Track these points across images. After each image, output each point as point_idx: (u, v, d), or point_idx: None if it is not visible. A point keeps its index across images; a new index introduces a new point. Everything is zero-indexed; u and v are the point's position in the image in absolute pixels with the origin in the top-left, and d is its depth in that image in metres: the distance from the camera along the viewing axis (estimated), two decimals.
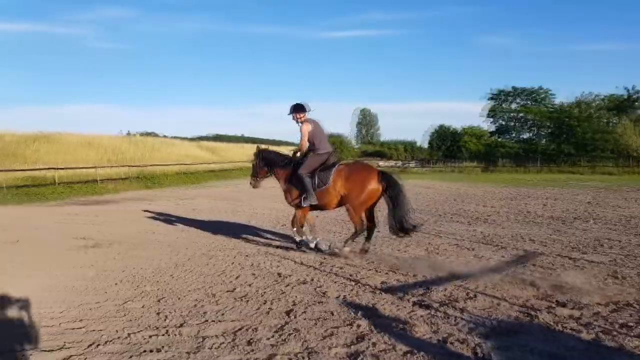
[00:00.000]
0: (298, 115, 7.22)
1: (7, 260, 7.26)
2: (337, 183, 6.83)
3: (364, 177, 6.78)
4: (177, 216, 12.17)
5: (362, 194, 6.71)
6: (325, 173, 6.92)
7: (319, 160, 7.04)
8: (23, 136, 32.34)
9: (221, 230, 9.69)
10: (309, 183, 6.89)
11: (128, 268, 6.53)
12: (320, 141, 7.13)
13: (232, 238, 8.76)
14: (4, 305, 4.93)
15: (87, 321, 4.44)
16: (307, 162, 7.01)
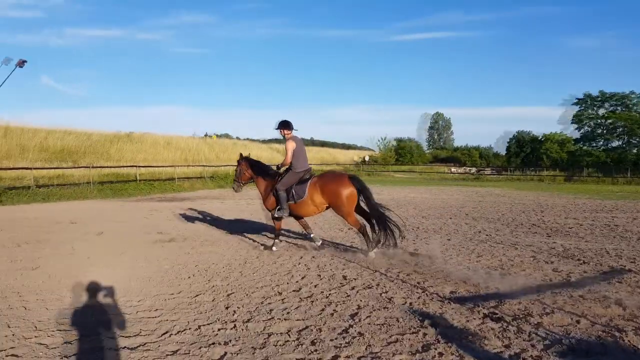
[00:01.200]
0: (285, 131, 7.68)
1: (93, 250, 7.82)
2: (313, 195, 7.34)
3: (337, 185, 7.25)
4: (248, 215, 12.52)
5: (342, 199, 7.17)
6: (301, 187, 7.43)
7: (296, 177, 7.50)
8: (109, 135, 34.76)
9: (288, 230, 9.84)
10: (283, 198, 7.44)
11: (200, 263, 6.80)
12: (300, 160, 7.54)
13: (299, 239, 8.86)
14: (92, 293, 5.31)
15: (161, 311, 4.67)
16: (285, 179, 7.50)
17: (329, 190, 7.26)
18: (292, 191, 7.43)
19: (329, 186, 7.29)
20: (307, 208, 7.47)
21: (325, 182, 7.38)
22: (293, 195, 7.43)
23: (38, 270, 6.38)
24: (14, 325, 4.24)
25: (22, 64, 18.58)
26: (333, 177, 7.52)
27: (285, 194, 7.44)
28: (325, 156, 61.07)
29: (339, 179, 7.37)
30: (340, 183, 7.26)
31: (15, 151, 26.26)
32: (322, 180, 7.43)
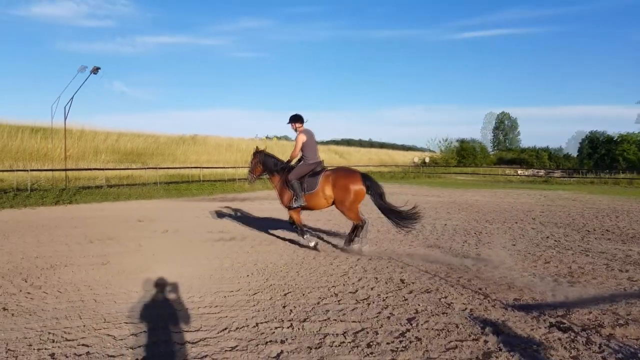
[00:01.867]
0: (296, 125, 7.93)
1: (158, 248, 8.16)
2: (325, 188, 7.55)
3: (348, 181, 7.45)
4: (305, 215, 12.60)
5: (350, 195, 7.38)
6: (313, 179, 7.67)
7: (308, 169, 7.75)
8: (175, 138, 36.32)
9: (345, 231, 9.81)
10: (298, 187, 7.68)
11: (259, 262, 6.92)
12: (311, 152, 7.79)
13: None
14: (157, 288, 5.54)
15: (221, 307, 4.79)
16: (296, 170, 7.78)
17: (341, 184, 7.45)
18: (304, 183, 7.68)
19: (342, 180, 7.48)
20: (317, 200, 7.67)
21: (338, 175, 7.58)
22: (305, 187, 7.67)
23: (108, 266, 6.73)
24: (85, 317, 4.50)
25: (96, 71, 19.75)
26: (346, 173, 7.69)
27: (299, 184, 7.67)
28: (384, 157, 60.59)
29: (353, 175, 7.56)
30: (352, 179, 7.47)
31: (89, 153, 28.00)
32: (335, 175, 7.61)
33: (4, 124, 28.63)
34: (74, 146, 27.36)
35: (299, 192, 7.66)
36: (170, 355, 3.62)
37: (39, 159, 25.11)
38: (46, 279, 5.96)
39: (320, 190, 7.57)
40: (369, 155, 59.72)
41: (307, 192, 7.66)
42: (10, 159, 24.30)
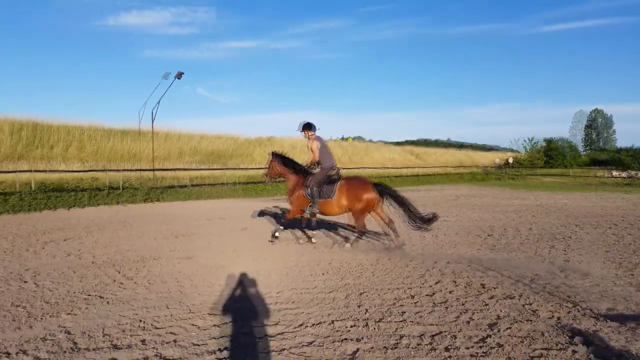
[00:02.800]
0: (308, 133, 8.27)
1: (238, 244, 8.47)
2: (340, 197, 7.90)
3: (360, 190, 7.81)
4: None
5: (360, 203, 7.77)
6: (329, 187, 7.98)
7: (325, 173, 8.06)
8: (252, 140, 37.51)
9: (420, 233, 9.62)
10: (316, 194, 7.95)
11: (334, 261, 6.97)
12: (325, 157, 8.14)
13: (431, 243, 8.62)
14: (238, 282, 5.76)
15: (298, 304, 4.88)
16: (316, 176, 8.07)
17: (353, 193, 7.83)
18: (322, 189, 7.99)
19: (354, 189, 7.86)
20: (331, 208, 8.01)
21: (351, 185, 7.94)
22: (322, 194, 7.98)
23: (192, 260, 7.09)
24: (172, 307, 4.77)
25: (180, 76, 20.87)
26: (359, 182, 8.02)
27: (317, 191, 7.97)
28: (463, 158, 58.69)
29: (364, 185, 7.92)
30: (365, 188, 7.85)
31: (174, 154, 29.66)
32: (349, 184, 7.97)
33: (99, 128, 31.04)
34: (160, 148, 29.11)
35: (316, 199, 7.98)
36: (251, 346, 3.75)
37: (128, 160, 26.99)
38: (137, 271, 6.39)
39: (336, 199, 7.91)
40: (446, 156, 58.15)
41: (322, 198, 7.99)
42: (104, 160, 26.31)
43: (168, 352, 3.62)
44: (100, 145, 28.50)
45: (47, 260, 7.04)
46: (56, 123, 29.27)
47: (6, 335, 3.93)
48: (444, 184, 32.62)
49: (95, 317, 4.43)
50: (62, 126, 29.28)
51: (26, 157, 23.91)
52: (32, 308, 4.69)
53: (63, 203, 15.19)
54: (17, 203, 14.35)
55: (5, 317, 4.41)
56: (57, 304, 4.85)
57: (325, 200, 7.97)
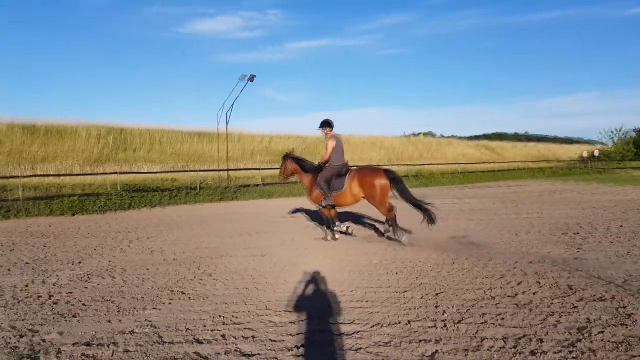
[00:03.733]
0: (326, 130, 8.63)
1: (310, 242, 8.55)
2: (352, 187, 8.21)
3: (373, 177, 8.07)
4: (454, 215, 12.14)
5: (377, 190, 8.01)
6: (339, 180, 8.33)
7: (334, 171, 8.39)
8: (320, 138, 37.70)
9: (500, 231, 9.22)
10: (326, 188, 8.34)
11: (407, 260, 6.83)
12: (337, 155, 8.47)
13: (512, 241, 8.21)
14: (311, 280, 5.80)
15: (372, 303, 4.82)
16: (324, 173, 8.43)
17: (365, 182, 8.09)
18: (332, 184, 8.35)
19: (366, 178, 8.11)
20: (345, 198, 8.33)
21: (362, 174, 8.22)
22: (333, 187, 8.34)
23: (266, 257, 7.24)
24: (249, 303, 4.88)
25: (252, 79, 21.40)
26: (369, 171, 8.35)
27: (327, 186, 8.33)
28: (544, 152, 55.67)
29: (375, 172, 8.21)
30: (376, 175, 8.09)
31: (246, 154, 30.57)
32: (360, 173, 8.27)
33: (177, 131, 32.65)
34: (234, 148, 30.11)
35: (327, 192, 8.35)
36: (327, 344, 3.74)
37: (204, 161, 28.15)
38: (215, 267, 6.62)
39: (348, 189, 8.23)
40: (525, 149, 55.39)
41: (335, 191, 8.34)
42: (183, 160, 27.64)
43: (247, 347, 3.70)
44: (179, 147, 29.98)
45: (133, 257, 7.47)
46: (138, 127, 31.15)
47: (99, 327, 4.20)
48: (523, 179, 31.10)
49: (178, 312, 4.62)
50: (144, 130, 31.13)
51: (113, 160, 25.63)
52: (120, 302, 4.99)
53: (146, 203, 16.11)
54: (105, 203, 15.38)
55: (98, 310, 4.72)
56: (143, 298, 5.12)
57: (338, 193, 8.33)
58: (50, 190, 17.04)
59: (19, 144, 24.17)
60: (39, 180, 17.52)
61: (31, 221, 12.46)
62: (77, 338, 3.93)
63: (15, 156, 22.59)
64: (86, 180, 19.13)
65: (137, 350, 3.66)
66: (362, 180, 8.13)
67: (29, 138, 25.14)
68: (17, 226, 11.49)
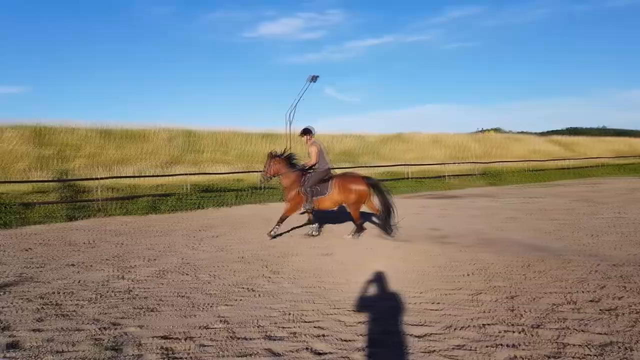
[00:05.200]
0: (308, 137, 9.01)
1: (373, 242, 8.48)
2: (334, 192, 8.67)
3: (353, 184, 8.65)
4: (524, 215, 11.63)
5: (354, 196, 8.60)
6: (324, 185, 8.72)
7: (320, 176, 8.77)
8: (381, 137, 37.44)
9: (576, 232, 8.72)
10: (311, 193, 8.68)
11: (477, 261, 6.61)
12: (322, 160, 8.87)
13: (590, 243, 7.74)
14: (376, 280, 5.75)
15: (442, 305, 4.69)
16: (311, 178, 8.75)
17: (348, 187, 8.60)
18: (316, 189, 8.67)
19: (348, 184, 8.63)
20: (325, 202, 8.78)
21: (345, 180, 8.75)
22: (317, 192, 8.67)
23: (331, 257, 7.26)
24: (317, 302, 4.91)
25: (315, 79, 21.59)
26: (352, 177, 8.94)
27: (312, 191, 8.65)
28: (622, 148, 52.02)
29: (357, 179, 8.79)
30: (357, 182, 8.67)
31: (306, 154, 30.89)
32: (343, 180, 8.77)
33: (241, 133, 33.54)
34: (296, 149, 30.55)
35: (310, 198, 8.68)
36: (398, 346, 3.68)
37: None
38: (282, 266, 6.71)
39: (330, 195, 8.67)
40: (601, 144, 51.98)
41: (318, 196, 8.71)
42: (246, 161, 28.33)
43: (318, 346, 3.71)
44: (244, 148, 30.78)
45: (203, 255, 7.73)
46: (206, 130, 32.31)
47: (175, 322, 4.37)
48: (599, 176, 29.30)
49: (249, 309, 4.73)
50: (211, 132, 32.26)
51: (181, 161, 26.73)
52: (194, 298, 5.17)
53: (213, 203, 16.64)
54: (175, 203, 16.05)
55: (174, 305, 4.92)
56: (214, 295, 5.28)
57: (319, 198, 8.73)
58: (126, 191, 18.01)
59: (97, 147, 25.76)
60: (115, 181, 18.54)
61: (109, 220, 13.22)
62: (156, 332, 4.11)
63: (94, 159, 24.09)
64: (158, 181, 20.05)
65: (212, 345, 3.77)
66: (343, 187, 8.62)
67: (106, 142, 26.75)
68: (97, 225, 12.24)
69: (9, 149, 21.53)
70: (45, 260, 7.49)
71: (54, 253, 8.11)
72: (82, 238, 9.83)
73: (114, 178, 18.32)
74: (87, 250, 8.31)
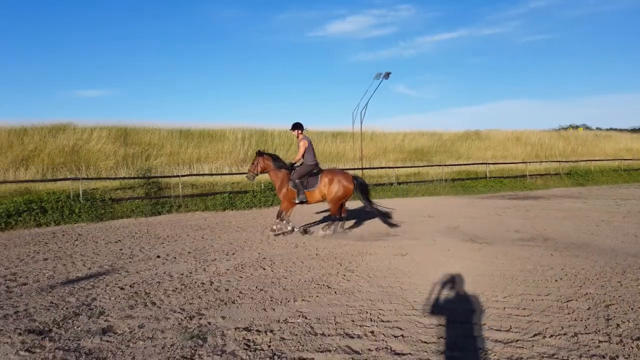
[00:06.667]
0: (298, 132, 9.27)
1: (452, 243, 8.21)
2: (321, 186, 9.05)
3: (341, 180, 9.05)
4: (619, 218, 10.77)
5: (339, 191, 9.01)
6: (313, 179, 9.11)
7: (307, 169, 9.09)
8: (458, 134, 36.22)
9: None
10: (300, 186, 9.03)
11: (567, 266, 6.19)
12: (310, 155, 9.12)
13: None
14: (456, 282, 5.56)
15: (529, 311, 4.43)
16: (298, 171, 9.13)
17: (336, 182, 9.00)
18: (305, 181, 9.02)
19: (336, 179, 9.03)
20: (314, 196, 9.11)
21: (333, 175, 9.11)
22: (306, 185, 9.02)
23: (407, 257, 7.11)
24: (395, 302, 4.82)
25: (387, 76, 21.30)
26: (340, 173, 9.23)
27: (300, 183, 8.97)
28: None
29: (345, 176, 9.19)
30: (345, 179, 9.09)
31: (379, 153, 30.57)
32: (332, 174, 9.15)
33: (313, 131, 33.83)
34: (367, 147, 30.33)
35: (301, 189, 9.00)
36: (483, 350, 3.52)
37: (339, 160, 28.79)
38: (357, 264, 6.67)
39: (319, 189, 9.02)
40: None
41: (307, 189, 9.03)
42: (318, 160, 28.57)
43: (397, 346, 3.64)
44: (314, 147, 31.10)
45: (279, 250, 7.87)
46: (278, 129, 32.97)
47: (255, 315, 4.47)
48: None
49: (326, 305, 4.73)
50: (282, 131, 32.86)
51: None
52: (273, 292, 5.26)
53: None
54: (250, 200, 16.53)
55: (254, 298, 5.04)
56: (292, 290, 5.35)
57: (309, 190, 9.05)
58: (204, 187, 18.80)
59: (177, 147, 27.06)
60: (195, 179, 19.40)
61: (189, 215, 13.87)
62: (238, 323, 4.22)
63: (175, 158, 25.34)
64: (234, 178, 20.74)
65: (292, 339, 3.81)
66: (331, 182, 9.01)
67: (185, 141, 28.05)
68: (179, 220, 12.87)
69: (98, 148, 23.14)
70: (134, 251, 7.98)
71: (142, 245, 8.62)
72: (165, 232, 10.38)
73: (193, 175, 19.18)
74: (170, 243, 8.75)
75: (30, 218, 12.21)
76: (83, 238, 9.75)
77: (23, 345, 3.76)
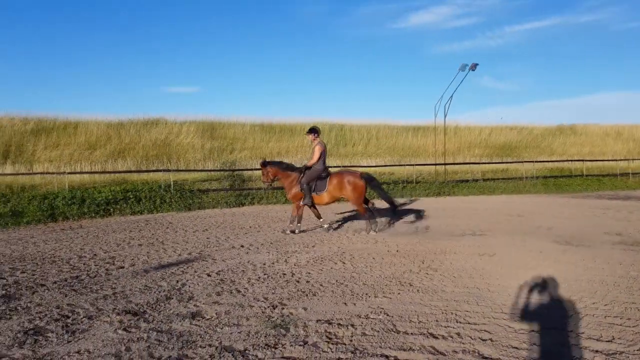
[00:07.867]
0: (313, 136, 9.29)
1: (544, 244, 7.71)
2: (331, 189, 9.04)
3: (351, 180, 9.05)
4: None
5: (355, 191, 9.03)
6: (321, 182, 9.11)
7: (316, 174, 9.08)
8: (550, 129, 33.97)
9: None
10: (308, 190, 9.00)
11: None
12: (322, 160, 9.13)
13: None
14: (549, 286, 5.19)
15: (635, 321, 4.02)
16: (308, 175, 9.08)
17: (347, 184, 9.00)
18: (314, 185, 9.04)
19: (347, 180, 9.02)
20: (323, 198, 9.14)
21: (343, 178, 9.09)
22: (315, 188, 9.05)
23: (495, 257, 6.75)
24: (482, 304, 4.57)
25: (474, 67, 20.40)
26: (349, 174, 9.21)
27: (308, 187, 8.98)
28: None
29: (354, 175, 9.17)
30: (355, 178, 9.06)
31: (463, 148, 29.49)
32: (341, 177, 9.12)
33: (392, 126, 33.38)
34: (450, 142, 29.37)
35: (309, 193, 9.01)
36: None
37: (419, 155, 28.16)
38: (440, 263, 6.44)
39: (328, 192, 9.06)
40: None
41: (316, 192, 9.08)
42: (398, 155, 28.14)
43: (485, 350, 3.44)
44: (394, 141, 30.65)
45: (359, 245, 7.81)
46: (357, 124, 32.89)
47: (336, 308, 4.45)
48: None
49: (408, 303, 4.60)
50: (361, 126, 32.73)
51: (335, 154, 27.61)
52: (353, 287, 5.22)
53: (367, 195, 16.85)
54: None
55: (334, 292, 5.02)
56: (373, 286, 5.27)
57: (318, 194, 9.08)
58: None
59: (259, 141, 27.89)
60: None
61: (270, 207, 14.23)
62: (319, 316, 4.22)
63: (257, 151, 26.13)
64: None
65: (374, 335, 3.74)
66: (341, 183, 9.00)
67: (266, 136, 28.83)
68: (260, 211, 13.24)
69: (187, 142, 24.43)
70: (220, 240, 8.31)
71: (227, 234, 8.96)
72: (249, 222, 10.72)
73: None
74: (253, 234, 9.01)
75: (127, 206, 13.17)
76: (173, 226, 10.32)
77: (120, 325, 4.02)
